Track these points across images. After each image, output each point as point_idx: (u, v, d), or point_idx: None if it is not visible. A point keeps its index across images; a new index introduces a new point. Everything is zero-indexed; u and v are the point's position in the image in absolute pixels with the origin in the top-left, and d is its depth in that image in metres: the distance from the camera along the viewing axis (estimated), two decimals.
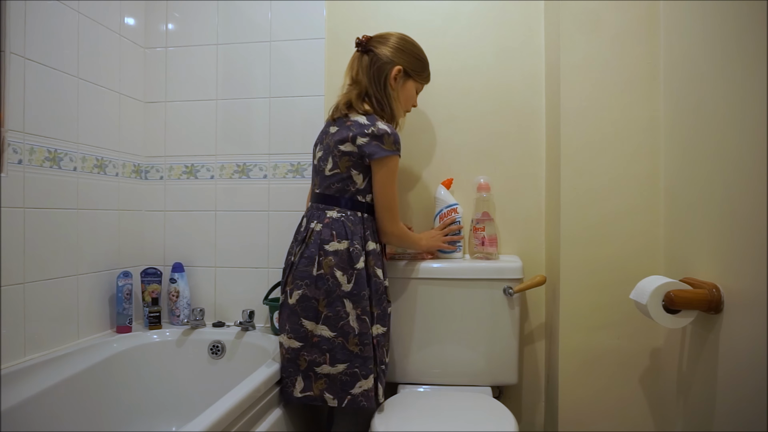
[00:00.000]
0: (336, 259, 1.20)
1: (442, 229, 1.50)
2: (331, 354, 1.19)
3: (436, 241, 1.47)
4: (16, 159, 1.25)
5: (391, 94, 1.31)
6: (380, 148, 1.22)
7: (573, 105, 1.33)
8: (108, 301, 1.58)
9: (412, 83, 1.37)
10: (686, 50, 1.10)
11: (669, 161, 1.20)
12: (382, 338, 1.28)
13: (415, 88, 1.39)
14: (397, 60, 1.31)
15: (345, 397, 1.19)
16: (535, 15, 1.58)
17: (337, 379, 1.20)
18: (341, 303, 1.20)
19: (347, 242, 1.22)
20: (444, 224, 1.50)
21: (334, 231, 1.22)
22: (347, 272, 1.20)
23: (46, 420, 1.20)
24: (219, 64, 1.73)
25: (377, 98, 1.30)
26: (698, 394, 1.01)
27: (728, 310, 0.89)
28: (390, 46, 1.32)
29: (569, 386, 1.34)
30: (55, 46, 1.38)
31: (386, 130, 1.23)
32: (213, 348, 1.57)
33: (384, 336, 1.29)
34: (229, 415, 0.99)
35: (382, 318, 1.28)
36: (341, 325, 1.19)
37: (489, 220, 1.50)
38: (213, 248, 1.73)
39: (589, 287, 1.32)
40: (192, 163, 1.75)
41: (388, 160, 1.23)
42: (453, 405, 1.28)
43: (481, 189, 1.52)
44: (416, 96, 1.42)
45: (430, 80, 1.44)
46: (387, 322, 1.30)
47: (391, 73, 1.30)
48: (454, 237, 1.50)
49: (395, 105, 1.32)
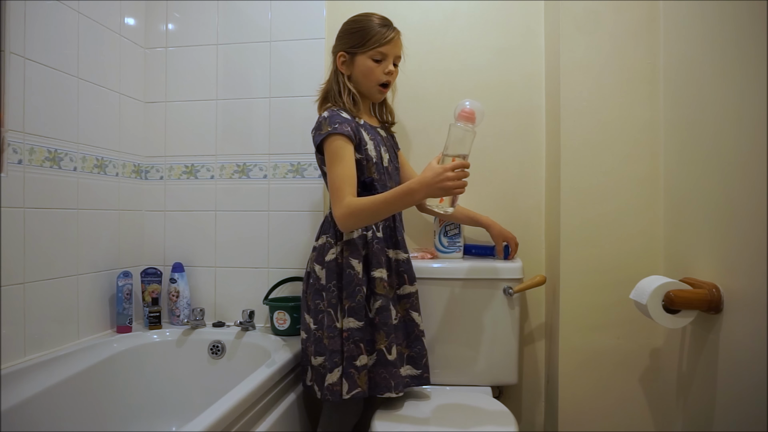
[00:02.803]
0: (315, 254, 1.29)
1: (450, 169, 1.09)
2: (315, 346, 1.25)
3: (439, 183, 1.07)
4: (16, 159, 1.25)
5: (343, 81, 1.30)
6: (319, 135, 1.23)
7: (573, 105, 1.33)
8: (108, 301, 1.58)
9: (363, 57, 1.28)
10: (686, 50, 1.10)
11: (669, 161, 1.20)
12: (356, 333, 1.19)
13: (370, 59, 1.28)
14: (338, 47, 1.32)
15: (323, 389, 1.22)
16: (535, 15, 1.58)
17: (318, 371, 1.24)
18: (320, 296, 1.25)
19: (324, 237, 1.28)
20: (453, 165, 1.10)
21: (320, 229, 1.31)
22: (323, 266, 1.25)
23: (47, 420, 1.20)
24: (219, 64, 1.73)
25: (336, 90, 1.31)
26: (698, 394, 1.01)
27: (728, 310, 0.89)
28: (335, 39, 1.34)
29: (569, 386, 1.34)
30: (55, 46, 1.38)
31: (324, 116, 1.24)
32: (213, 348, 1.57)
33: (360, 331, 1.19)
34: (229, 415, 0.99)
35: (356, 311, 1.20)
36: (320, 317, 1.24)
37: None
38: (213, 248, 1.73)
39: (589, 287, 1.32)
40: (192, 163, 1.75)
41: (327, 142, 1.21)
42: (453, 405, 1.28)
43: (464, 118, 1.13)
44: (384, 63, 1.28)
45: (389, 37, 1.28)
46: (363, 316, 1.21)
47: (337, 63, 1.32)
48: (461, 183, 1.09)
49: (354, 86, 1.30)
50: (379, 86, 1.31)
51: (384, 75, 1.29)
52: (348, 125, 1.22)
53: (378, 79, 1.30)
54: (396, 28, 1.31)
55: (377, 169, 1.27)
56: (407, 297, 1.29)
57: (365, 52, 1.28)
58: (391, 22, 1.32)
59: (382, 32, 1.28)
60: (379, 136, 1.34)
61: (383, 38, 1.27)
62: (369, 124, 1.33)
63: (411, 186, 1.11)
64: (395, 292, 1.28)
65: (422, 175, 1.10)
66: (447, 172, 1.07)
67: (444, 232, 1.52)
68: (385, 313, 1.22)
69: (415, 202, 1.13)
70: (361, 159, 1.25)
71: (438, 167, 1.09)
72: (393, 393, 1.20)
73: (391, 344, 1.21)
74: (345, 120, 1.23)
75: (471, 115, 1.11)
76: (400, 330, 1.27)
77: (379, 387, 1.21)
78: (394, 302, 1.26)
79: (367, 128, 1.30)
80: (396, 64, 1.33)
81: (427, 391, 1.36)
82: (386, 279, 1.24)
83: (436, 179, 1.08)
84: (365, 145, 1.26)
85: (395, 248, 1.29)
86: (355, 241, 1.23)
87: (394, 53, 1.30)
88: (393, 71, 1.31)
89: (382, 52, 1.28)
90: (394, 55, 1.31)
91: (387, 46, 1.28)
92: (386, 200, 1.13)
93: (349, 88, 1.30)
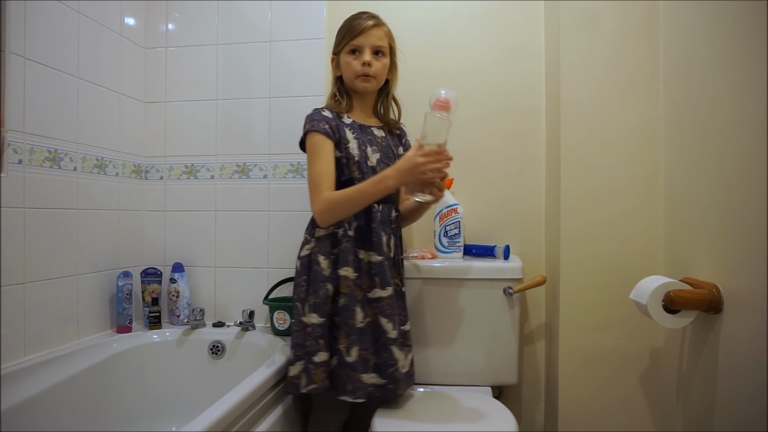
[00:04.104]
0: (299, 252, 1.31)
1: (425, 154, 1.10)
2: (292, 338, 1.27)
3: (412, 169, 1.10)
4: (16, 159, 1.25)
5: (333, 81, 1.35)
6: (302, 135, 1.28)
7: (573, 105, 1.33)
8: (108, 301, 1.58)
9: (343, 54, 1.29)
10: (686, 50, 1.10)
11: (669, 161, 1.20)
12: (318, 329, 1.19)
13: (348, 53, 1.28)
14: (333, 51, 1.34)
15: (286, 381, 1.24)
16: (535, 15, 1.58)
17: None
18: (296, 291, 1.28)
19: (305, 235, 1.30)
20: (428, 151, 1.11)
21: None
22: (299, 261, 1.28)
23: (47, 420, 1.20)
24: (219, 64, 1.73)
25: (330, 92, 1.35)
26: (698, 394, 1.01)
27: (728, 310, 0.89)
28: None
29: (569, 386, 1.34)
30: (55, 46, 1.38)
31: (306, 115, 1.28)
32: (213, 348, 1.57)
33: (321, 327, 1.19)
34: (229, 415, 0.99)
35: (319, 307, 1.20)
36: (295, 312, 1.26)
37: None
38: (213, 248, 1.73)
39: (589, 287, 1.32)
40: (192, 163, 1.75)
41: (307, 140, 1.26)
42: (453, 405, 1.28)
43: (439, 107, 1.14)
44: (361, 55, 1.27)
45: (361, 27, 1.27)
46: (326, 313, 1.20)
47: (332, 67, 1.35)
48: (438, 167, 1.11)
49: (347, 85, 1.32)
50: (359, 78, 1.28)
51: (361, 66, 1.26)
52: (326, 123, 1.24)
53: (355, 71, 1.27)
54: (374, 19, 1.28)
55: (359, 168, 1.25)
56: (377, 301, 1.21)
57: (343, 49, 1.29)
58: (372, 15, 1.29)
59: (354, 25, 1.28)
60: (369, 136, 1.31)
61: (355, 30, 1.27)
62: (359, 123, 1.31)
63: (385, 173, 1.14)
64: (365, 295, 1.22)
65: (396, 163, 1.14)
66: (418, 157, 1.09)
67: (444, 232, 1.52)
68: (347, 312, 1.20)
69: (390, 189, 1.15)
70: (341, 157, 1.25)
71: (410, 154, 1.12)
72: (349, 397, 1.17)
73: (351, 346, 1.18)
74: (323, 118, 1.25)
75: (446, 104, 1.11)
76: (367, 334, 1.21)
77: (338, 389, 1.19)
78: (363, 304, 1.21)
79: (353, 127, 1.29)
80: (381, 53, 1.29)
81: (427, 391, 1.36)
82: (352, 279, 1.21)
83: (407, 166, 1.11)
84: (346, 144, 1.25)
85: (368, 249, 1.23)
86: (324, 239, 1.24)
87: (370, 43, 1.27)
88: (369, 61, 1.26)
89: (355, 44, 1.27)
90: (370, 45, 1.27)
91: (360, 37, 1.26)
92: (360, 189, 1.16)
93: (337, 88, 1.33)
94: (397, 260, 1.31)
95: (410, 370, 1.25)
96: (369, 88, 1.30)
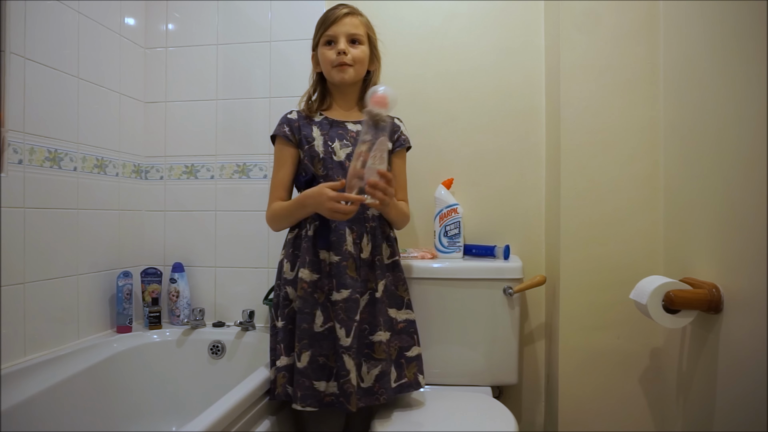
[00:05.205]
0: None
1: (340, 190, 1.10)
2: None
3: (322, 204, 1.10)
4: (16, 159, 1.25)
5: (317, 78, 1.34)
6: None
7: (573, 105, 1.33)
8: (108, 301, 1.58)
9: (320, 48, 1.27)
10: (686, 50, 1.10)
11: (668, 161, 1.20)
12: (280, 332, 1.20)
13: (324, 45, 1.26)
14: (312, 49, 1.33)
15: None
16: (535, 15, 1.58)
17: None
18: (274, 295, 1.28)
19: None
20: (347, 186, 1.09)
21: None
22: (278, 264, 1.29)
23: (47, 420, 1.20)
24: (219, 64, 1.73)
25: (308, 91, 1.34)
26: (698, 394, 1.01)
27: (728, 310, 0.89)
28: None
29: (569, 386, 1.34)
30: (55, 46, 1.38)
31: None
32: (213, 348, 1.57)
33: (283, 331, 1.19)
34: (229, 415, 0.99)
35: (281, 310, 1.22)
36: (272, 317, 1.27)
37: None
38: (213, 248, 1.73)
39: (589, 287, 1.32)
40: (192, 163, 1.75)
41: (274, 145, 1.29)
42: (453, 405, 1.28)
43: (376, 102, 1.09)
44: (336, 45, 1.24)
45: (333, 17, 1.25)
46: (286, 316, 1.20)
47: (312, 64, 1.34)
48: (339, 208, 1.08)
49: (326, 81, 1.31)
50: (335, 69, 1.24)
51: (336, 56, 1.23)
52: (288, 125, 1.27)
53: (331, 61, 1.24)
54: (348, 8, 1.26)
55: (324, 165, 1.22)
56: (334, 304, 1.15)
57: (319, 42, 1.27)
58: (347, 5, 1.27)
59: (328, 15, 1.26)
60: (341, 131, 1.26)
61: (328, 20, 1.25)
62: (331, 119, 1.27)
63: (303, 200, 1.17)
64: (326, 297, 1.17)
65: (311, 190, 1.15)
66: (326, 192, 1.09)
67: (444, 232, 1.52)
68: (302, 316, 1.16)
69: (308, 214, 1.19)
70: (304, 156, 1.25)
71: (320, 188, 1.11)
72: (298, 405, 1.13)
73: (302, 351, 1.14)
74: (286, 121, 1.28)
75: (383, 100, 1.08)
76: (327, 339, 1.15)
77: (294, 395, 1.14)
78: (325, 308, 1.16)
79: (322, 124, 1.26)
80: (357, 42, 1.25)
81: (427, 392, 1.36)
82: (307, 281, 1.17)
83: (313, 194, 1.13)
84: (311, 142, 1.24)
85: (328, 249, 1.18)
86: (290, 241, 1.26)
87: (344, 31, 1.23)
88: (344, 49, 1.22)
89: (330, 34, 1.24)
90: (345, 33, 1.24)
91: (333, 26, 1.24)
92: (287, 208, 1.22)
93: (314, 87, 1.33)
94: (376, 261, 1.22)
95: (372, 387, 1.16)
96: (346, 78, 1.24)
